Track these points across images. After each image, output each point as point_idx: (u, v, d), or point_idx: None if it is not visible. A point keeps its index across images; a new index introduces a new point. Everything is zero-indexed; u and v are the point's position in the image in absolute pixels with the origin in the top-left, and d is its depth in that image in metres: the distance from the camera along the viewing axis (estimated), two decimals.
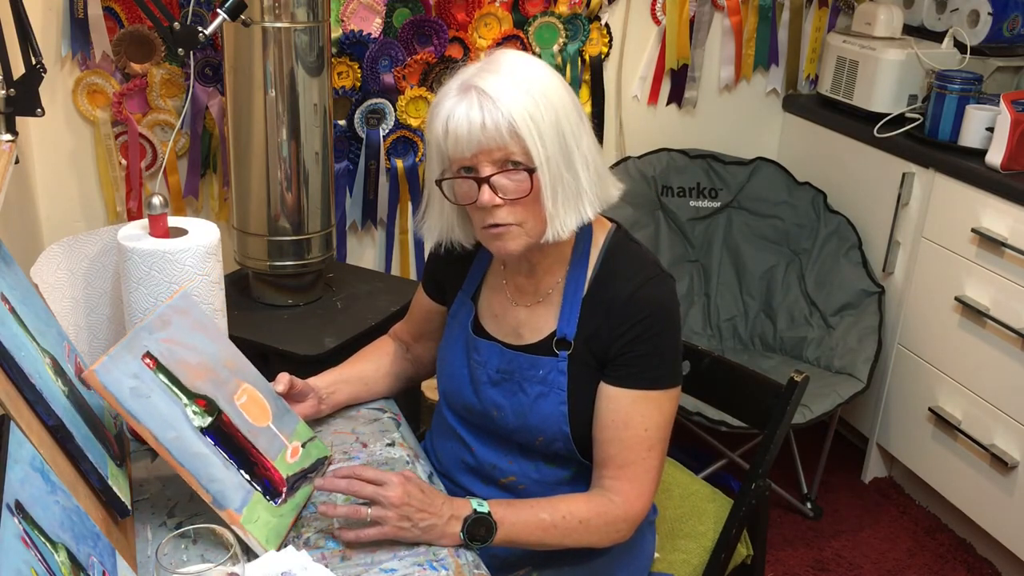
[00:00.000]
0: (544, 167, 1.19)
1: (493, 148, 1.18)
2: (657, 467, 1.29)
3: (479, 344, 1.36)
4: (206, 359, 1.19)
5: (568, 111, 1.21)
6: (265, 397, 1.26)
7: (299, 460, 1.25)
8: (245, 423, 1.19)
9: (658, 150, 2.68)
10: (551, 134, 1.19)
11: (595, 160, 1.25)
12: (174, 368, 1.14)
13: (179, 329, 1.18)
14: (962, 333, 2.27)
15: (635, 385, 1.27)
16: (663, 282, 1.29)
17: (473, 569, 1.15)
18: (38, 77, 1.39)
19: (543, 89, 1.19)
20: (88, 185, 2.27)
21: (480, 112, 1.17)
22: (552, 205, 1.21)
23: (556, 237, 1.23)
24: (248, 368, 1.27)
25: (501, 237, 1.23)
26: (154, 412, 1.09)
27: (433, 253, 1.44)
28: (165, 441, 1.09)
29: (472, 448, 1.39)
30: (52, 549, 0.86)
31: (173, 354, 1.15)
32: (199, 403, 1.14)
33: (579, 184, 1.22)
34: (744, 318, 2.69)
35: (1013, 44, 2.58)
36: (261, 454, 1.19)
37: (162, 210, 1.30)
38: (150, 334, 1.14)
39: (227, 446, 1.15)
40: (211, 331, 1.24)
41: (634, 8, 2.60)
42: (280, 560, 1.11)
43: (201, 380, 1.16)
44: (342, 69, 2.30)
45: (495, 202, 1.20)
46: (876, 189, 2.53)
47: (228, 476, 1.13)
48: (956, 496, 2.34)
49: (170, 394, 1.12)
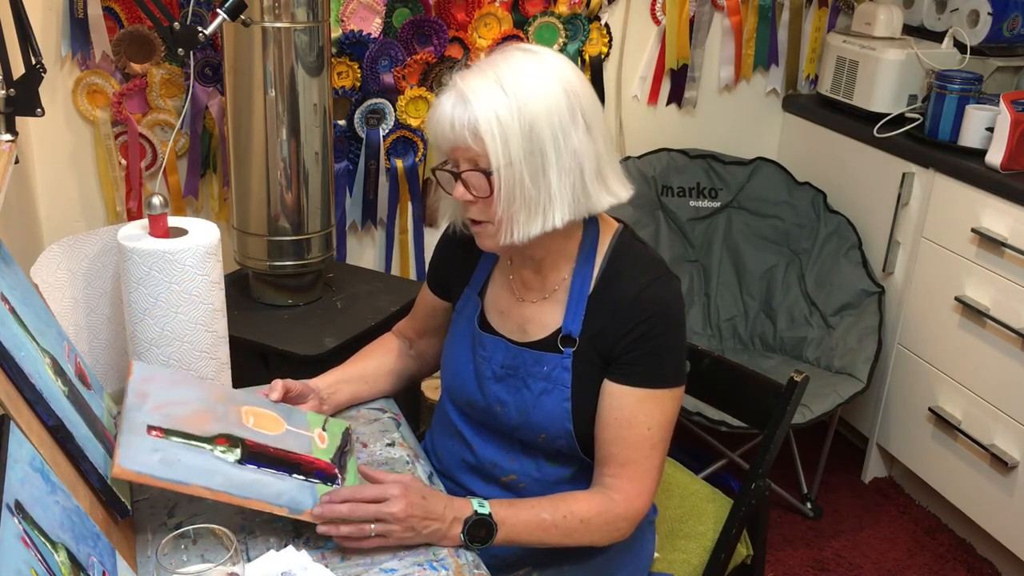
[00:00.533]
0: (500, 172, 1.18)
1: (461, 147, 1.20)
2: (659, 466, 1.30)
3: (485, 339, 1.36)
4: (198, 404, 1.22)
5: (555, 114, 1.18)
6: (267, 409, 1.29)
7: (329, 442, 1.28)
8: (267, 437, 1.23)
9: (658, 150, 2.68)
10: (518, 140, 1.17)
11: (592, 163, 1.22)
12: (179, 426, 1.17)
13: (158, 393, 1.21)
14: (962, 333, 2.27)
15: (639, 383, 1.27)
16: (669, 282, 1.29)
17: (473, 569, 1.15)
18: (38, 77, 1.39)
19: (526, 92, 1.18)
20: (88, 185, 2.27)
21: (451, 111, 1.19)
22: (506, 210, 1.20)
23: (510, 242, 1.23)
24: (236, 394, 1.31)
25: (478, 233, 1.27)
26: (191, 469, 1.12)
27: (442, 242, 1.46)
28: (217, 487, 1.12)
29: (473, 446, 1.39)
30: (52, 549, 0.86)
31: (170, 415, 1.18)
32: (220, 442, 1.18)
33: (547, 192, 1.20)
34: (744, 318, 2.69)
35: (1013, 44, 2.58)
36: (299, 454, 1.22)
37: (162, 210, 1.30)
38: (139, 411, 1.17)
39: (267, 463, 1.18)
40: (186, 381, 1.27)
41: (634, 8, 2.60)
42: (280, 560, 1.11)
43: (208, 423, 1.20)
44: (342, 69, 2.30)
45: (467, 197, 1.23)
46: (876, 189, 2.52)
47: (287, 485, 1.16)
48: (956, 496, 2.34)
49: (193, 448, 1.15)
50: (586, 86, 1.24)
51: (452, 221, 1.37)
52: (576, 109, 1.20)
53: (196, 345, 1.32)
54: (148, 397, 1.20)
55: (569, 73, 1.22)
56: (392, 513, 1.14)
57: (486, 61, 1.23)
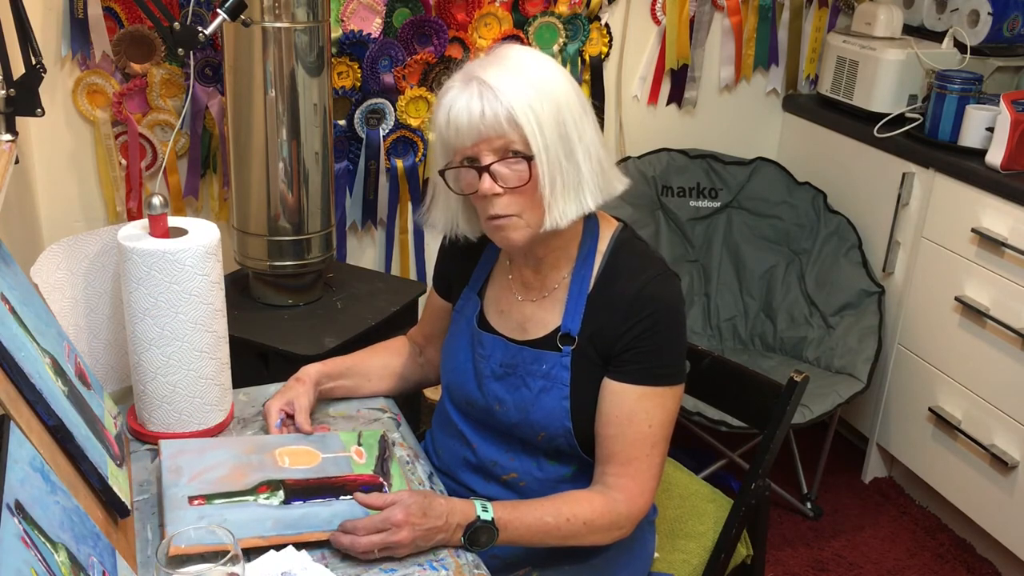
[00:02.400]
0: (542, 155, 1.20)
1: (493, 137, 1.20)
2: (659, 464, 1.30)
3: (483, 338, 1.36)
4: (232, 462, 1.24)
5: (570, 103, 1.22)
6: (300, 444, 1.30)
7: (368, 455, 1.30)
8: (306, 471, 1.24)
9: (658, 150, 2.68)
10: (551, 124, 1.20)
11: (598, 152, 1.26)
12: (219, 488, 1.19)
13: (190, 464, 1.23)
14: (962, 333, 2.27)
15: (639, 381, 1.27)
16: (669, 280, 1.29)
17: (473, 569, 1.15)
18: (38, 77, 1.39)
19: (544, 80, 1.21)
20: (88, 185, 2.27)
21: (480, 102, 1.19)
22: (550, 193, 1.22)
23: (555, 225, 1.24)
24: (265, 440, 1.32)
25: (504, 228, 1.25)
26: (240, 524, 1.12)
27: (443, 249, 1.47)
28: (269, 532, 1.14)
29: (473, 445, 1.39)
30: (52, 549, 0.86)
31: (207, 481, 1.20)
32: (261, 490, 1.19)
33: (580, 174, 1.23)
34: (744, 318, 2.69)
35: (1013, 44, 2.58)
36: (339, 477, 1.24)
37: (162, 210, 1.30)
38: (176, 487, 1.19)
39: (312, 495, 1.20)
40: (214, 444, 1.29)
41: (634, 8, 2.60)
42: (280, 560, 1.11)
43: (246, 476, 1.21)
44: (342, 69, 2.30)
45: (495, 190, 1.22)
46: (876, 189, 2.52)
47: (337, 508, 1.17)
48: (956, 496, 2.34)
49: (237, 504, 1.16)
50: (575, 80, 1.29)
51: (447, 231, 1.36)
52: (581, 98, 1.25)
53: (196, 345, 1.32)
54: (183, 471, 1.21)
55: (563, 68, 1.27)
56: (398, 540, 1.13)
57: (491, 57, 1.24)
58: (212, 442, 1.30)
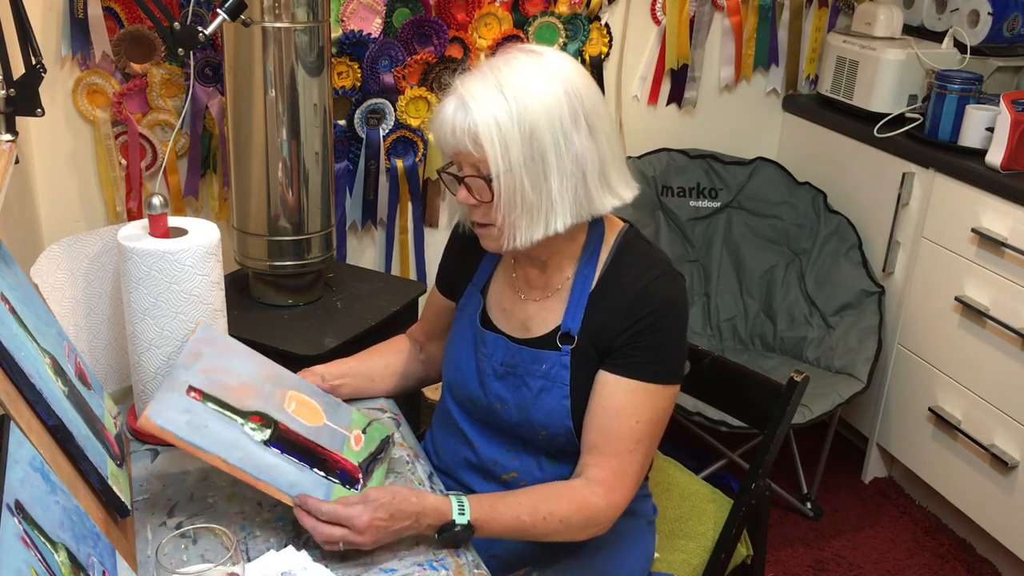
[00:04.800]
0: (500, 178, 1.19)
1: (462, 152, 1.21)
2: (642, 463, 1.29)
3: (486, 337, 1.36)
4: (246, 378, 1.23)
5: (557, 118, 1.18)
6: (312, 398, 1.29)
7: (364, 446, 1.28)
8: (302, 426, 1.23)
9: (658, 150, 2.68)
10: (518, 145, 1.17)
11: (591, 167, 1.22)
12: (219, 394, 1.17)
13: (211, 358, 1.22)
14: (962, 333, 2.27)
15: (633, 375, 1.26)
16: (673, 279, 1.29)
17: (473, 569, 1.15)
18: (38, 77, 1.39)
19: (529, 97, 1.17)
20: (88, 185, 2.27)
21: (453, 116, 1.20)
22: (507, 216, 1.21)
23: (514, 246, 1.23)
24: (288, 376, 1.30)
25: (483, 236, 1.28)
26: (215, 438, 1.12)
27: (449, 245, 1.48)
28: (235, 462, 1.12)
29: (474, 444, 1.39)
30: (52, 549, 0.86)
31: (214, 381, 1.18)
32: (254, 420, 1.18)
33: (548, 198, 1.20)
34: (744, 318, 2.69)
35: (1013, 44, 2.58)
36: (327, 450, 1.22)
37: (162, 210, 1.30)
38: (187, 369, 1.18)
39: (293, 451, 1.18)
40: (241, 352, 1.28)
41: (634, 8, 2.60)
42: (280, 560, 1.11)
43: (249, 398, 1.20)
44: (342, 69, 2.30)
45: (470, 201, 1.24)
46: (876, 189, 2.52)
47: (305, 477, 1.16)
48: (956, 496, 2.34)
49: (224, 418, 1.15)
50: (590, 86, 1.23)
51: (460, 219, 1.39)
52: (578, 111, 1.20)
53: None
54: (200, 358, 1.20)
55: (572, 74, 1.21)
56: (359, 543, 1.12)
57: (488, 64, 1.23)
58: (241, 350, 1.28)
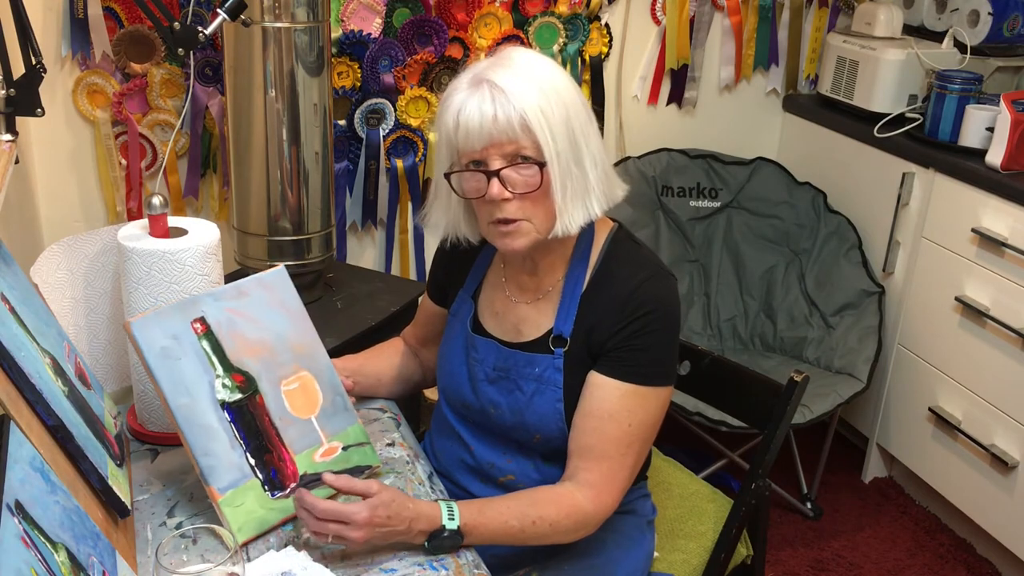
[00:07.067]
0: (555, 162, 1.20)
1: (504, 141, 1.19)
2: (632, 466, 1.28)
3: (477, 342, 1.36)
4: (268, 337, 1.18)
5: (577, 109, 1.22)
6: (322, 390, 1.25)
7: (330, 462, 1.22)
8: (280, 409, 1.19)
9: (658, 150, 2.68)
10: (561, 130, 1.19)
11: (602, 159, 1.26)
12: (224, 338, 1.13)
13: (254, 302, 1.17)
14: (962, 333, 2.27)
15: (626, 378, 1.26)
16: (664, 280, 1.29)
17: (473, 569, 1.15)
18: (38, 77, 1.39)
19: (553, 85, 1.20)
20: (88, 185, 2.27)
21: (492, 105, 1.18)
22: (562, 200, 1.22)
23: (564, 232, 1.24)
24: (320, 358, 1.26)
25: (509, 234, 1.24)
26: (175, 375, 1.09)
27: (438, 253, 1.46)
28: (174, 405, 1.10)
29: (471, 447, 1.39)
30: (52, 549, 0.86)
31: (232, 324, 1.14)
32: (235, 378, 1.14)
33: (587, 181, 1.23)
34: (744, 318, 2.69)
35: (1013, 44, 2.58)
36: (283, 444, 1.18)
37: (162, 210, 1.30)
38: (215, 300, 1.13)
39: (244, 426, 1.14)
40: (293, 312, 1.23)
41: (634, 8, 2.60)
42: (280, 560, 1.11)
43: (250, 357, 1.16)
44: (342, 69, 2.30)
45: (504, 196, 1.21)
46: (876, 189, 2.52)
47: (227, 455, 1.12)
48: (956, 496, 2.34)
49: (204, 362, 1.12)
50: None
51: (447, 233, 1.35)
52: (586, 104, 1.25)
53: None
54: (242, 298, 1.15)
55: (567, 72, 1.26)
56: (353, 538, 1.11)
57: (498, 60, 1.23)
58: (295, 311, 1.23)
